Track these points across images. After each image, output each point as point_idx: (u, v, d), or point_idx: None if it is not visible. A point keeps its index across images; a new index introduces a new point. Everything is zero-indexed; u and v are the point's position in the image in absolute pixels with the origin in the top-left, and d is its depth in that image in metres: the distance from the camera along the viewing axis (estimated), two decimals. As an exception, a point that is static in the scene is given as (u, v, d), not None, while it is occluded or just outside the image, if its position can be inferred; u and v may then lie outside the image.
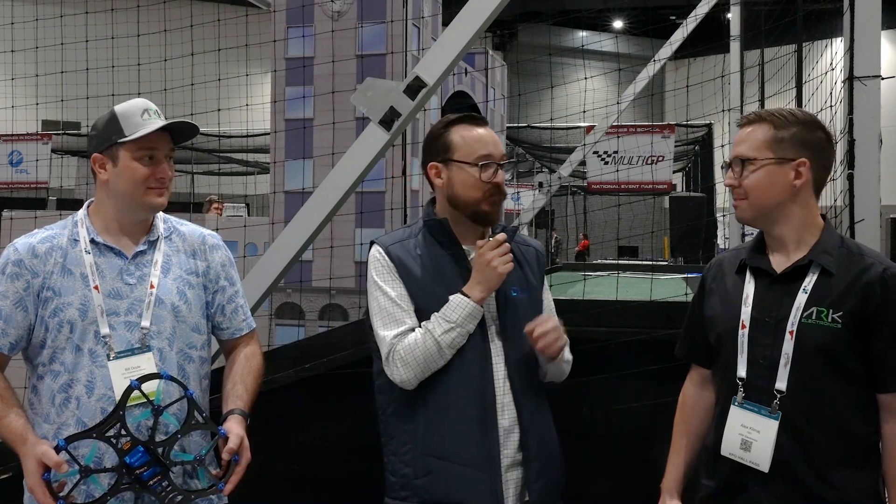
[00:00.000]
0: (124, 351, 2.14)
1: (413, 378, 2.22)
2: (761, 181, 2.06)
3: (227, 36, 6.95)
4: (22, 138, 15.02)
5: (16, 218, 6.33)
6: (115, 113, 2.22)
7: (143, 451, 2.02)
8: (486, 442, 2.21)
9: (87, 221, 2.25)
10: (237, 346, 2.40)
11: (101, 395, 2.12)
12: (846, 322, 1.96)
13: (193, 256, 2.32)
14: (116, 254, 2.22)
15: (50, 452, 1.96)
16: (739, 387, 2.07)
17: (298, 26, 7.16)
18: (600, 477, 3.31)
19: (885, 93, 3.34)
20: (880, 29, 3.31)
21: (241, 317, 2.41)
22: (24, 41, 6.80)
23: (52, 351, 2.15)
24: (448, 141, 2.34)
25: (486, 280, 2.22)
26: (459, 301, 2.21)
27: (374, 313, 2.30)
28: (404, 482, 2.23)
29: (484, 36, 6.50)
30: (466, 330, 2.21)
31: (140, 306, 2.18)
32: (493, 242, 2.23)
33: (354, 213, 6.25)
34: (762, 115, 2.11)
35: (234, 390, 2.27)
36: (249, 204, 16.91)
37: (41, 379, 2.18)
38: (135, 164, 2.19)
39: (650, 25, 19.52)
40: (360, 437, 3.54)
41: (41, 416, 2.16)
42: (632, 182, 12.97)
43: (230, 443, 2.09)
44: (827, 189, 3.84)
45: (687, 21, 9.69)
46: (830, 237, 2.08)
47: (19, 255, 2.18)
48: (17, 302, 2.15)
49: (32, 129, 15.51)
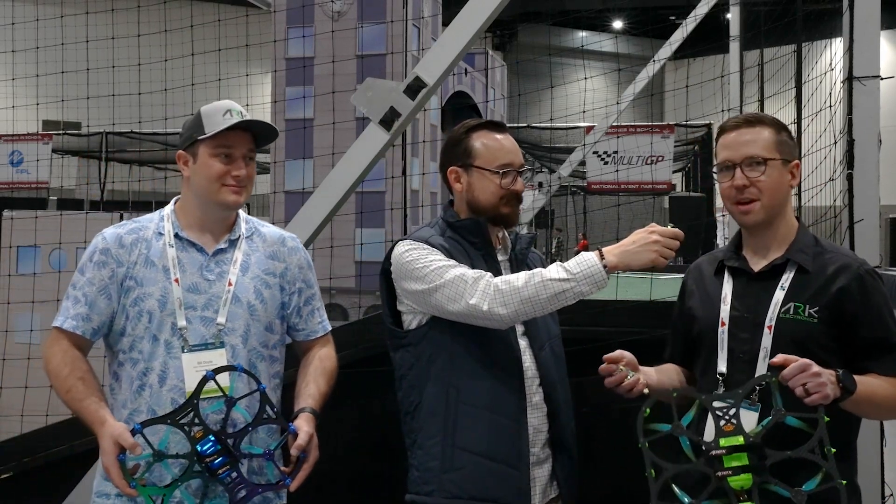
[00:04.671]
0: (198, 345, 2.19)
1: (508, 316, 2.13)
2: (776, 181, 2.10)
3: (227, 36, 6.96)
4: (22, 138, 15.04)
5: (16, 218, 6.34)
6: (200, 112, 2.28)
7: (215, 440, 2.05)
8: (518, 440, 2.22)
9: (173, 217, 2.30)
10: (312, 348, 2.42)
11: (173, 386, 2.17)
12: (822, 317, 2.02)
13: (273, 258, 2.36)
14: (198, 249, 2.27)
15: (126, 434, 2.02)
16: (720, 382, 2.11)
17: (298, 26, 7.17)
18: (601, 477, 3.32)
19: (885, 93, 3.34)
20: (879, 29, 3.32)
21: (318, 319, 2.44)
22: (24, 41, 6.81)
23: (131, 339, 2.21)
24: (469, 147, 2.36)
25: (632, 253, 2.09)
26: (588, 258, 2.10)
27: (428, 272, 2.20)
28: (429, 476, 2.23)
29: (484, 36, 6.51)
30: (580, 290, 2.09)
31: (217, 302, 2.23)
32: (673, 231, 2.10)
33: (354, 213, 6.26)
34: (760, 117, 2.16)
35: (306, 389, 2.29)
36: (249, 204, 16.93)
37: (122, 366, 2.23)
38: (211, 160, 2.23)
39: (650, 26, 19.52)
40: (361, 436, 3.55)
41: (120, 401, 2.22)
42: (631, 182, 12.98)
43: (299, 439, 2.11)
44: (826, 189, 3.87)
45: (686, 21, 9.69)
46: (805, 237, 2.15)
47: (107, 244, 2.24)
48: (102, 289, 2.21)
49: (33, 129, 15.53)
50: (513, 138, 2.41)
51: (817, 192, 4.14)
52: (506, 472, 2.20)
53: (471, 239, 2.33)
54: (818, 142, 4.08)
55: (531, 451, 2.24)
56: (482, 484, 2.19)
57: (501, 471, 2.20)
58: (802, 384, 1.84)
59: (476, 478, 2.19)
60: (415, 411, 2.29)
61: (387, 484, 2.35)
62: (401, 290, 2.29)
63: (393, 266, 2.30)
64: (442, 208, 2.44)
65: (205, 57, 6.06)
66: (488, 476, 2.19)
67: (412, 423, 2.30)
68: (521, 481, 2.22)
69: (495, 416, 2.21)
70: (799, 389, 1.84)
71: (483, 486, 2.19)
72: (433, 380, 2.25)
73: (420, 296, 2.23)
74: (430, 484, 2.22)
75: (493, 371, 2.24)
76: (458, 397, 2.22)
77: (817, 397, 1.83)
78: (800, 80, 6.22)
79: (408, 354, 2.31)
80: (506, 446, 2.21)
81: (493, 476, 2.19)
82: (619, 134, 12.70)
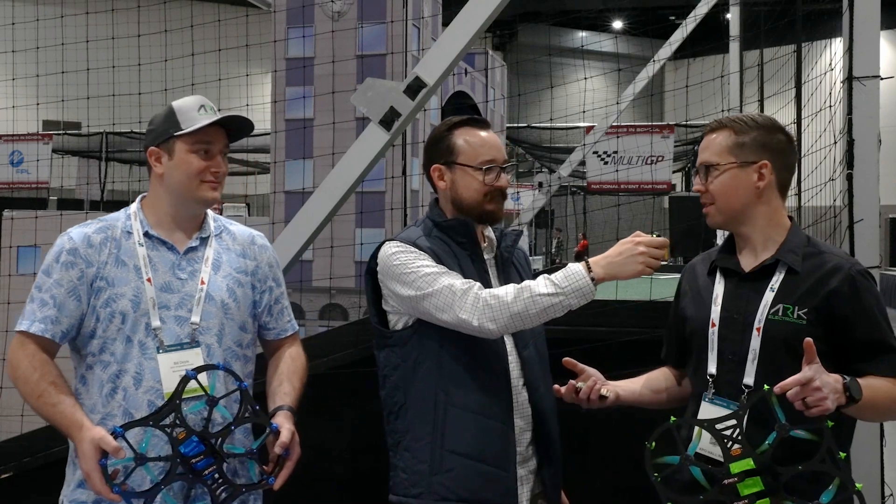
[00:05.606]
0: (174, 345, 2.15)
1: (498, 330, 2.14)
2: (726, 185, 2.12)
3: (227, 36, 6.97)
4: (23, 138, 15.02)
5: (16, 218, 6.34)
6: (172, 108, 2.23)
7: (198, 441, 2.02)
8: (505, 441, 2.23)
9: (140, 214, 2.25)
10: (281, 347, 2.41)
11: (149, 388, 2.12)
12: (811, 318, 2.02)
13: (243, 256, 2.33)
14: (169, 248, 2.23)
15: (108, 438, 1.97)
16: (710, 383, 2.12)
17: (299, 26, 7.17)
18: (599, 477, 3.32)
19: (885, 93, 3.34)
20: (879, 29, 3.31)
21: (287, 318, 2.43)
22: (24, 41, 6.81)
23: (102, 341, 2.15)
24: (452, 144, 2.34)
25: (619, 265, 2.09)
26: (576, 270, 2.10)
27: (416, 277, 2.19)
28: (417, 478, 2.22)
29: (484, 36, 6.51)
30: (569, 304, 2.10)
31: (190, 301, 2.19)
32: (658, 240, 2.10)
33: (354, 213, 6.25)
34: (724, 122, 2.18)
35: (281, 388, 2.28)
36: (249, 204, 16.93)
37: (90, 369, 2.18)
38: (191, 156, 2.20)
39: (650, 26, 19.53)
40: (361, 436, 3.55)
41: (88, 406, 2.15)
42: (631, 182, 12.97)
43: (282, 437, 2.09)
44: (826, 189, 3.87)
45: (686, 21, 9.70)
46: (796, 237, 2.14)
47: (74, 244, 2.17)
48: (71, 291, 2.15)
49: (33, 129, 15.51)
50: (495, 134, 2.40)
51: (817, 192, 4.14)
52: (494, 473, 2.21)
53: (458, 239, 2.32)
54: (818, 142, 4.08)
55: (517, 451, 2.25)
56: (471, 485, 2.19)
57: (490, 472, 2.20)
58: (802, 398, 1.83)
59: (465, 479, 2.19)
60: (400, 412, 2.28)
61: (387, 483, 2.35)
62: (388, 291, 2.28)
63: (379, 267, 2.29)
64: (428, 207, 2.44)
65: (205, 57, 6.06)
66: (477, 477, 2.20)
67: (397, 423, 2.29)
68: (508, 481, 2.23)
69: (483, 418, 2.21)
70: (798, 403, 1.83)
71: (472, 487, 2.19)
72: (420, 382, 2.25)
73: (409, 301, 2.22)
74: (419, 486, 2.22)
75: (481, 374, 2.24)
76: (446, 400, 2.22)
77: (817, 411, 1.82)
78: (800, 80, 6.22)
79: (393, 355, 2.30)
80: (494, 448, 2.22)
81: (482, 477, 2.20)
82: (619, 134, 12.70)
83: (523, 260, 2.49)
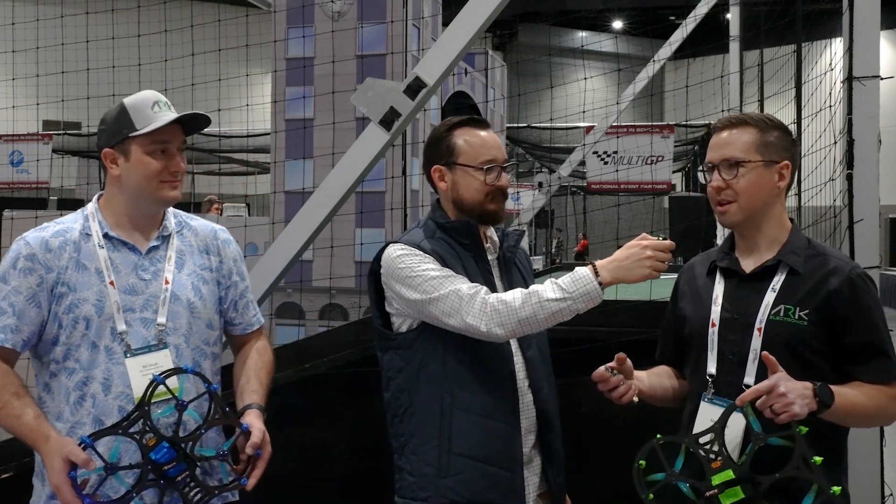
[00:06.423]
0: (141, 348, 2.10)
1: (506, 335, 2.14)
2: (753, 183, 2.09)
3: (227, 36, 6.97)
4: (23, 138, 15.01)
5: (17, 218, 6.34)
6: (124, 106, 2.16)
7: (168, 447, 1.98)
8: (512, 442, 2.24)
9: (98, 215, 2.19)
10: (248, 342, 2.36)
11: (119, 393, 2.07)
12: (812, 319, 2.01)
13: (206, 252, 2.29)
14: (130, 249, 2.17)
15: (76, 449, 1.90)
16: (709, 383, 2.11)
17: (298, 26, 7.17)
18: (599, 477, 3.32)
19: (885, 93, 3.34)
20: (879, 29, 3.31)
21: (252, 312, 2.38)
22: (24, 41, 6.81)
23: (65, 348, 2.09)
24: (452, 144, 2.34)
25: (626, 268, 2.08)
26: (584, 275, 2.09)
27: (422, 281, 2.18)
28: (425, 482, 2.22)
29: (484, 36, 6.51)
30: (576, 308, 2.09)
31: (155, 302, 2.13)
32: (664, 244, 2.09)
33: (354, 213, 6.26)
34: (744, 118, 2.16)
35: (248, 385, 2.22)
36: (249, 204, 16.91)
37: (54, 376, 2.11)
38: (147, 158, 2.14)
39: (650, 26, 19.52)
40: (361, 436, 3.55)
41: (53, 414, 2.09)
42: (631, 182, 12.96)
43: (253, 437, 2.04)
44: (826, 189, 3.87)
45: (686, 21, 9.70)
46: (797, 238, 2.13)
47: (32, 249, 2.10)
48: (30, 297, 2.08)
49: (33, 129, 15.51)
50: (495, 134, 2.39)
51: (817, 192, 4.14)
52: (501, 475, 2.21)
53: (461, 240, 2.31)
54: (818, 142, 4.08)
55: (523, 452, 2.26)
56: (479, 488, 2.19)
57: (497, 474, 2.21)
58: (770, 406, 1.83)
59: (473, 482, 2.19)
60: (404, 415, 2.28)
61: (387, 483, 2.35)
62: (392, 293, 2.27)
63: (384, 269, 2.27)
64: (430, 207, 2.43)
65: (205, 57, 6.06)
66: (484, 480, 2.20)
67: (402, 426, 2.29)
68: (515, 482, 2.23)
69: (490, 420, 2.22)
70: (767, 412, 1.84)
71: (479, 489, 2.19)
72: (425, 385, 2.24)
73: (415, 304, 2.21)
74: (427, 490, 2.21)
75: (487, 376, 2.24)
76: (452, 403, 2.22)
77: (785, 417, 1.83)
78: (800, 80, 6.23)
79: (397, 357, 2.29)
80: (500, 450, 2.22)
81: (489, 479, 2.20)
82: (619, 134, 12.69)
83: (525, 260, 2.49)
